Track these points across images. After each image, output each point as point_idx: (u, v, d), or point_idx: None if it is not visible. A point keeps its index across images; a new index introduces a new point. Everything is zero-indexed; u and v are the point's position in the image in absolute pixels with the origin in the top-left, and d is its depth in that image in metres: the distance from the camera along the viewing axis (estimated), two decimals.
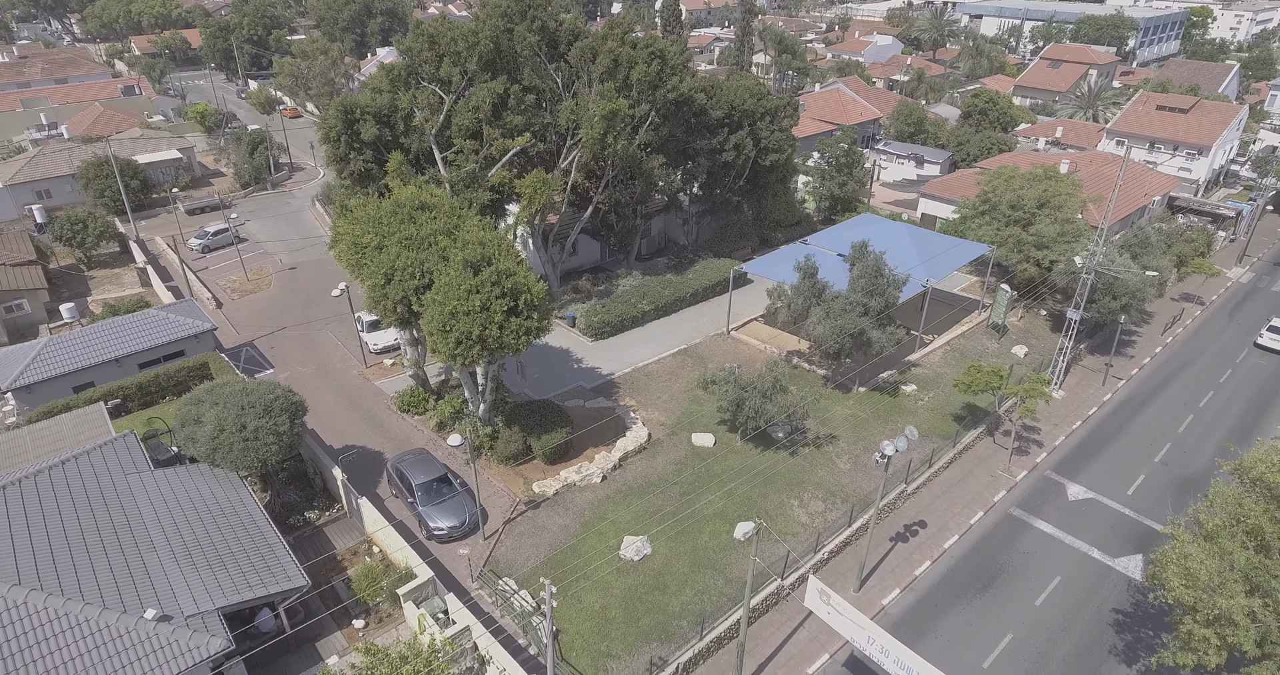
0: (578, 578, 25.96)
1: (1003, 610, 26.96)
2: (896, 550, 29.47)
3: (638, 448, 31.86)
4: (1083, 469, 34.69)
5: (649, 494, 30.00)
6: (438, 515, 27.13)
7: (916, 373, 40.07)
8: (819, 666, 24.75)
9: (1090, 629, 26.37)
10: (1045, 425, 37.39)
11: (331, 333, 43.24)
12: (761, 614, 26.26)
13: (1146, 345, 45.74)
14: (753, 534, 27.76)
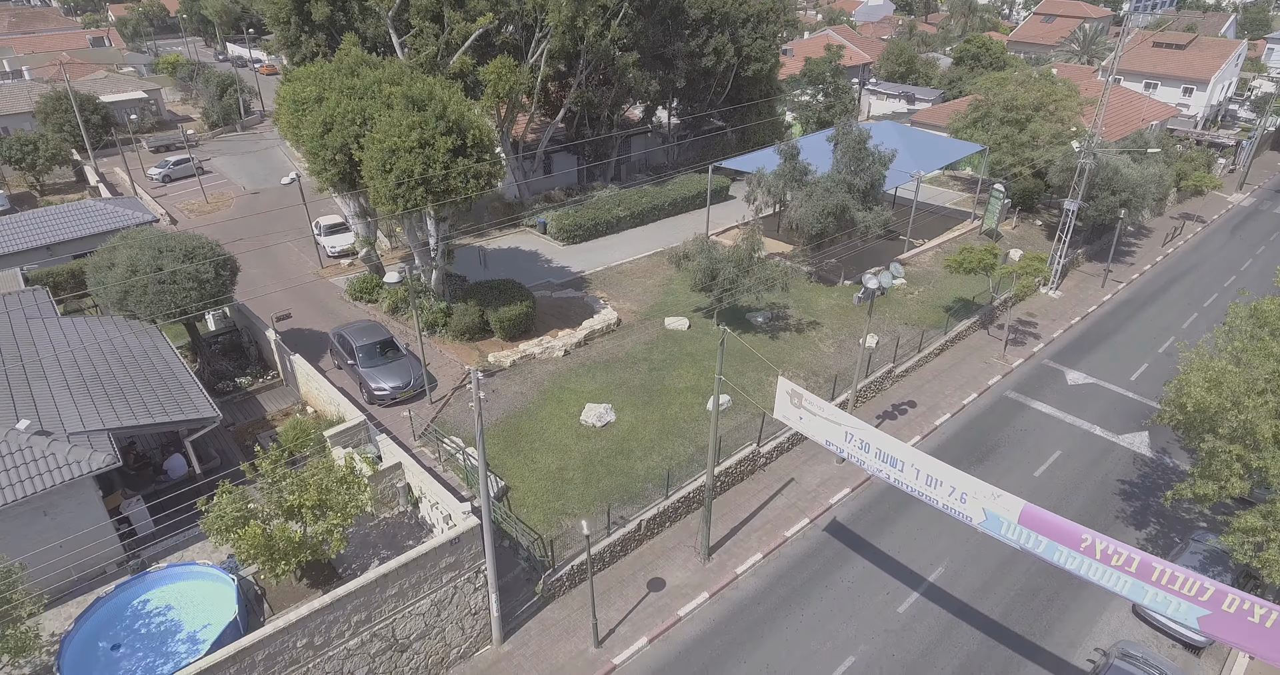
0: (533, 440, 23.80)
1: (1000, 481, 24.51)
2: (884, 427, 27.25)
3: (605, 327, 29.55)
4: (1082, 358, 32.59)
5: (615, 368, 27.73)
6: (380, 376, 24.80)
7: (905, 271, 37.92)
8: (798, 529, 22.55)
9: (1094, 498, 24.26)
10: (1042, 320, 35.27)
11: (289, 243, 41.03)
12: (737, 480, 24.06)
13: (1146, 254, 43.69)
14: (728, 405, 25.68)
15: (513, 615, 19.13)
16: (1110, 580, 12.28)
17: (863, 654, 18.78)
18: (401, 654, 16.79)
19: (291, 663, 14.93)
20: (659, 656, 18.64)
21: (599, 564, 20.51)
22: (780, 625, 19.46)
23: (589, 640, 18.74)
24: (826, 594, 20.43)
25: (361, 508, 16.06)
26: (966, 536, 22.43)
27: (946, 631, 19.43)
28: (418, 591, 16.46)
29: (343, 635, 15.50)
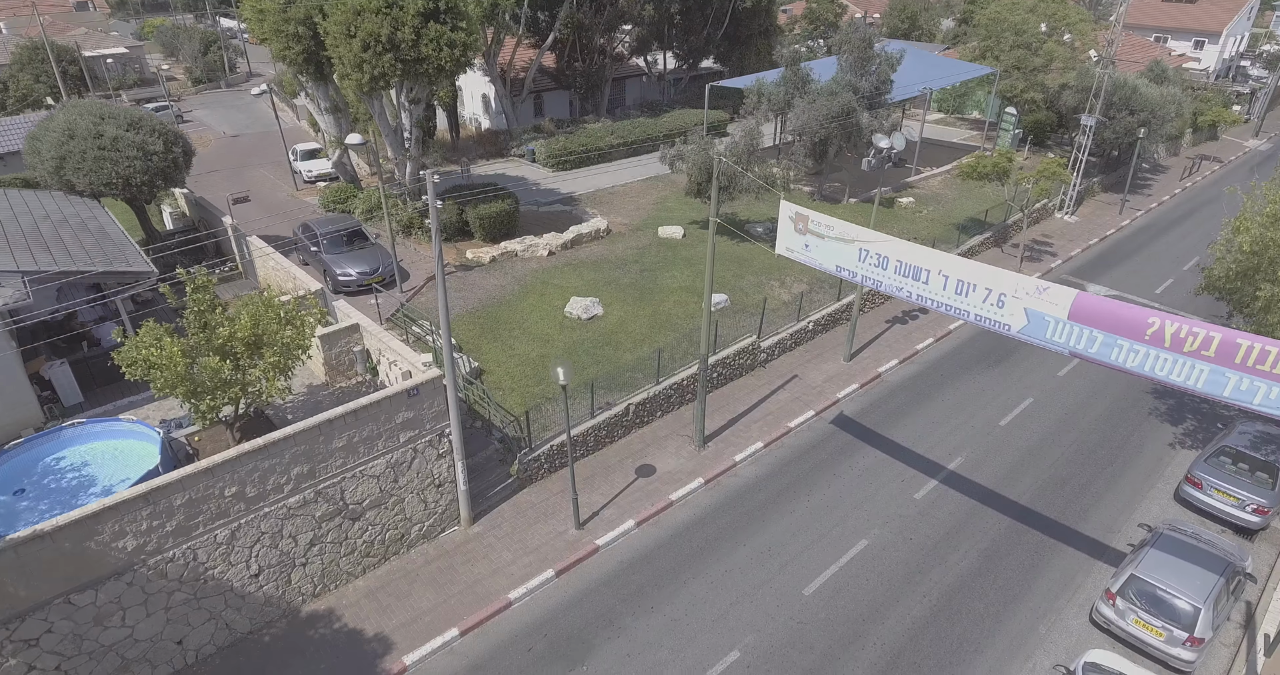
0: (512, 328, 21.79)
1: (1020, 380, 22.83)
2: (894, 331, 25.30)
3: (594, 232, 27.53)
4: (1103, 274, 30.60)
5: (604, 268, 25.66)
6: (345, 262, 22.74)
7: (914, 192, 36.00)
8: (803, 421, 20.53)
9: (1125, 396, 22.26)
10: (1058, 241, 33.30)
11: (265, 170, 39.06)
12: (735, 375, 22.05)
13: (1164, 187, 41.73)
14: (725, 304, 23.69)
15: (484, 496, 17.13)
16: (1183, 373, 10.34)
17: (876, 538, 16.78)
18: (353, 523, 14.78)
19: (219, 515, 12.92)
20: (648, 539, 16.63)
21: (582, 449, 18.51)
22: (784, 510, 17.47)
23: (569, 522, 16.73)
24: (835, 482, 18.44)
25: (305, 348, 14.05)
26: (988, 429, 20.47)
27: (969, 517, 17.44)
28: (370, 449, 14.45)
29: (281, 489, 13.49)
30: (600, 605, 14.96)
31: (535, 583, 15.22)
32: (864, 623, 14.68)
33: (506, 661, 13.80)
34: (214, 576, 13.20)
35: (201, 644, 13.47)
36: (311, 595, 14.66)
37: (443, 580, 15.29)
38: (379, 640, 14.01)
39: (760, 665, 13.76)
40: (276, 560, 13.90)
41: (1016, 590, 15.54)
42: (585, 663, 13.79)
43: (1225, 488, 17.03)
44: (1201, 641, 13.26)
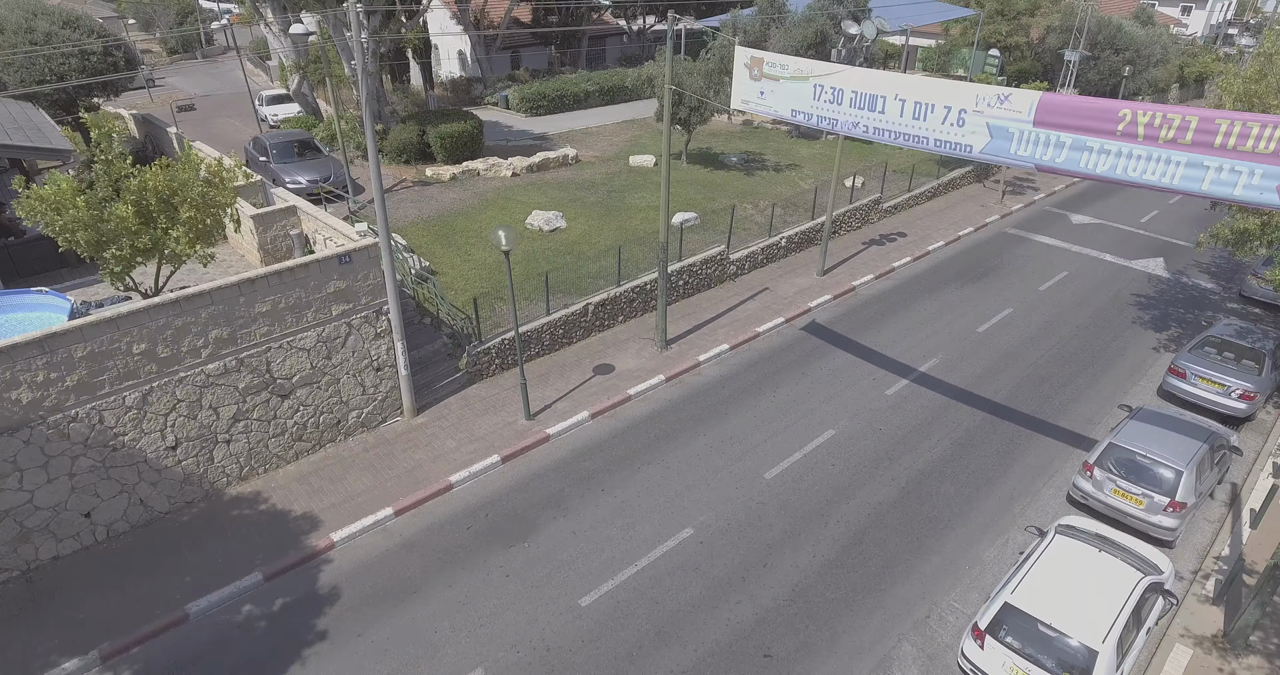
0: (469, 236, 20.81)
1: (1000, 293, 22.02)
2: (870, 251, 24.49)
3: (561, 157, 26.69)
4: (1088, 206, 29.88)
5: (570, 188, 24.74)
6: (295, 171, 21.82)
7: None
8: (772, 326, 19.68)
9: (1108, 307, 21.47)
10: (1041, 178, 32.52)
11: (233, 121, 38.09)
12: (703, 286, 21.16)
13: None
14: (695, 221, 22.82)
15: (431, 388, 16.23)
16: (1157, 171, 9.51)
17: (844, 428, 15.93)
18: (283, 400, 13.86)
19: (128, 375, 12.00)
20: (602, 430, 15.75)
21: (537, 347, 17.60)
22: (747, 405, 16.60)
23: (519, 414, 15.84)
24: (803, 380, 17.59)
25: (227, 206, 13.13)
26: (965, 335, 19.64)
27: (942, 411, 16.60)
28: (299, 319, 13.53)
29: (197, 353, 12.57)
30: (547, 489, 14.09)
31: (479, 467, 14.32)
32: (827, 504, 13.83)
33: (443, 539, 12.91)
34: (124, 444, 12.27)
35: (113, 519, 12.55)
36: (238, 477, 13.75)
37: (380, 466, 14.38)
38: (306, 519, 13.09)
39: (714, 541, 12.91)
40: (196, 433, 12.97)
41: (990, 474, 14.71)
42: (528, 540, 12.90)
43: (1210, 375, 16.23)
44: (1183, 506, 12.44)
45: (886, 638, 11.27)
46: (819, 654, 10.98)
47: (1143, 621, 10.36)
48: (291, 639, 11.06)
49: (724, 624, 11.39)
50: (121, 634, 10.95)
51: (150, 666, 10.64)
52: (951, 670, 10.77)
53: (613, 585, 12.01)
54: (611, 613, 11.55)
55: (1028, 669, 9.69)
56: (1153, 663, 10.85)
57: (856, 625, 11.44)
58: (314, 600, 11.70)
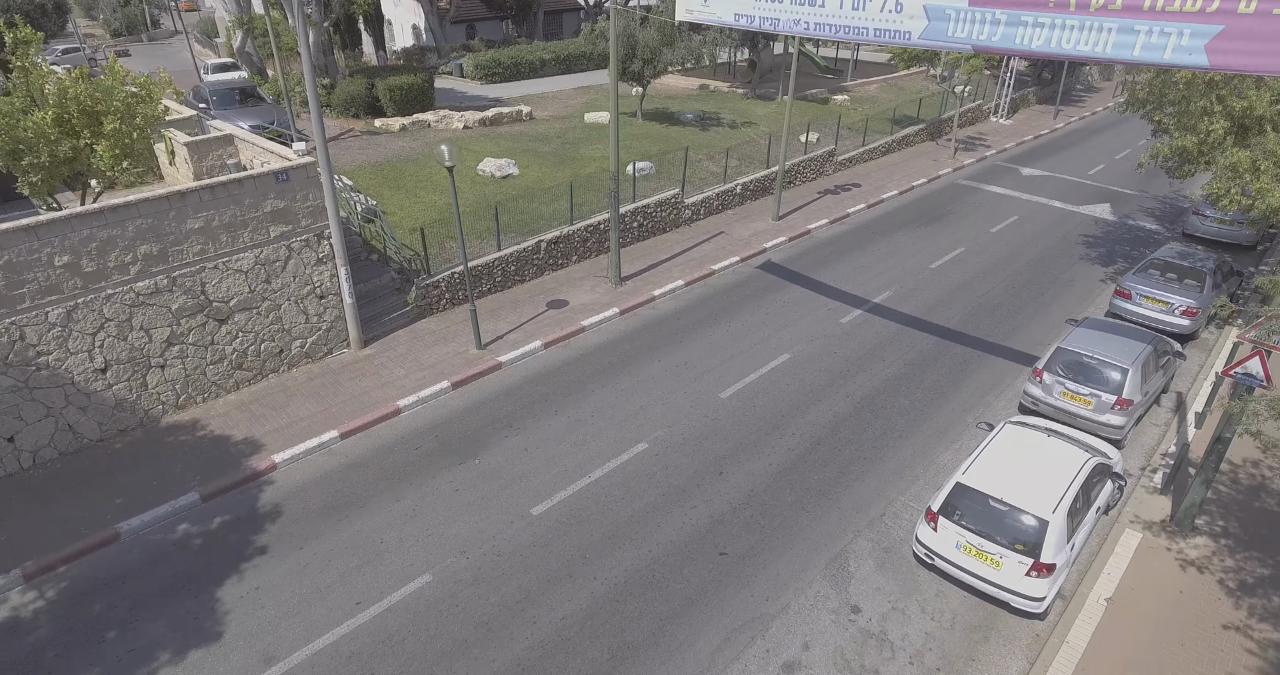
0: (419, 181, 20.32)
1: (952, 235, 22.22)
2: (825, 199, 24.56)
3: (515, 113, 26.34)
4: (1038, 161, 30.34)
5: (523, 140, 24.39)
6: (236, 116, 21.02)
7: (850, 94, 35.43)
8: (727, 265, 19.59)
9: (1057, 246, 21.79)
10: (993, 137, 33.00)
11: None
12: (659, 230, 20.99)
13: (1098, 102, 42.04)
14: (649, 171, 22.66)
15: (378, 321, 15.81)
16: (1090, 40, 9.59)
17: (799, 352, 15.89)
18: (220, 325, 13.35)
19: (50, 289, 11.42)
20: (555, 359, 15.50)
21: (488, 283, 17.24)
22: (702, 334, 16.47)
23: (470, 345, 15.53)
24: (758, 312, 17.51)
25: (154, 119, 12.59)
26: (918, 271, 19.73)
27: (896, 336, 16.66)
28: (234, 238, 13.04)
29: (125, 269, 12.02)
30: (498, 411, 13.78)
31: (428, 393, 13.97)
32: (782, 418, 13.75)
33: (390, 459, 12.55)
34: (49, 365, 11.69)
35: (39, 445, 11.95)
36: (174, 405, 13.21)
37: (325, 393, 13.95)
38: (247, 443, 12.63)
39: (669, 454, 12.74)
40: (127, 356, 12.42)
41: (943, 389, 14.78)
42: (478, 457, 12.60)
43: (1154, 294, 16.53)
44: (1130, 404, 12.60)
45: (842, 534, 11.21)
46: (775, 550, 10.88)
47: (1093, 501, 10.43)
48: (230, 554, 10.63)
49: (678, 527, 11.23)
50: (47, 553, 10.42)
51: (78, 584, 10.13)
52: (907, 561, 10.76)
53: (565, 496, 11.78)
54: (564, 520, 11.32)
55: (979, 544, 9.69)
56: (1103, 548, 10.97)
57: (812, 524, 11.37)
58: (254, 518, 11.27)
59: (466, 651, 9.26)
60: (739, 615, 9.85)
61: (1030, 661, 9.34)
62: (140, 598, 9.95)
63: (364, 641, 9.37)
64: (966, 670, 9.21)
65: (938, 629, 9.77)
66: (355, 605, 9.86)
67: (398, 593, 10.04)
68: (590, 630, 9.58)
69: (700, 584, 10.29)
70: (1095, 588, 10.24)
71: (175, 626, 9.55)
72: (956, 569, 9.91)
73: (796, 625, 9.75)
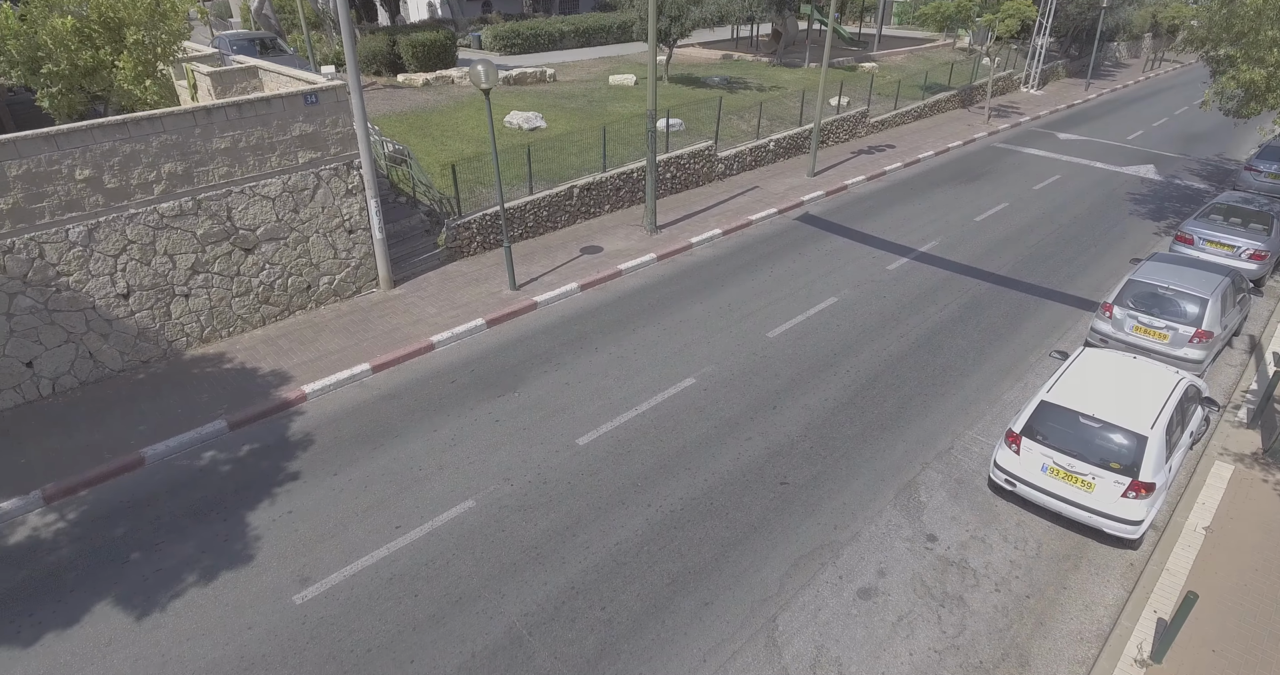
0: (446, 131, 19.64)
1: (994, 191, 21.44)
2: (860, 158, 23.81)
3: (538, 73, 25.70)
4: (1073, 127, 29.51)
5: (549, 97, 23.72)
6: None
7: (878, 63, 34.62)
8: (764, 215, 18.91)
9: (1104, 202, 20.98)
10: (1025, 106, 32.18)
11: None
12: (692, 183, 20.29)
13: (1128, 76, 41.12)
14: (680, 128, 21.97)
15: (407, 262, 15.17)
16: None
17: (846, 296, 15.16)
18: (247, 255, 12.74)
19: (71, 205, 10.83)
20: (593, 299, 14.81)
21: (520, 228, 16.59)
22: (744, 278, 15.75)
23: (504, 286, 14.89)
24: (800, 259, 16.80)
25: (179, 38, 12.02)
26: (963, 223, 18.98)
27: (946, 282, 15.89)
28: (262, 162, 12.43)
29: (149, 188, 11.42)
30: (536, 347, 13.13)
31: (462, 329, 13.32)
32: (835, 356, 13.04)
33: (425, 391, 11.90)
34: (69, 286, 11.11)
35: (58, 372, 11.37)
36: (199, 338, 12.61)
37: (355, 329, 13.32)
38: (276, 375, 12.01)
39: (718, 389, 12.06)
40: (150, 282, 11.83)
41: (1002, 331, 14.02)
42: (518, 390, 11.95)
43: (1219, 238, 15.73)
44: (1210, 336, 11.84)
45: (910, 466, 10.49)
46: (839, 480, 10.17)
47: (1187, 423, 9.69)
48: (260, 479, 10.01)
49: (734, 457, 10.54)
50: (67, 476, 9.83)
51: (100, 507, 9.52)
52: (983, 492, 10.04)
53: (611, 427, 11.11)
54: (612, 450, 10.64)
55: (1069, 465, 8.95)
56: (1193, 480, 10.23)
57: (876, 455, 10.66)
58: (284, 446, 10.64)
59: (516, 575, 8.60)
60: (806, 543, 9.16)
61: (1127, 590, 8.60)
62: (166, 520, 9.34)
63: (405, 564, 8.72)
64: (1058, 598, 8.49)
65: (1022, 557, 9.05)
66: (395, 529, 9.21)
67: (440, 517, 9.38)
68: (648, 555, 8.90)
69: (762, 512, 9.61)
70: (1190, 518, 9.50)
71: (204, 548, 8.93)
72: (1042, 494, 9.17)
73: (869, 553, 9.05)
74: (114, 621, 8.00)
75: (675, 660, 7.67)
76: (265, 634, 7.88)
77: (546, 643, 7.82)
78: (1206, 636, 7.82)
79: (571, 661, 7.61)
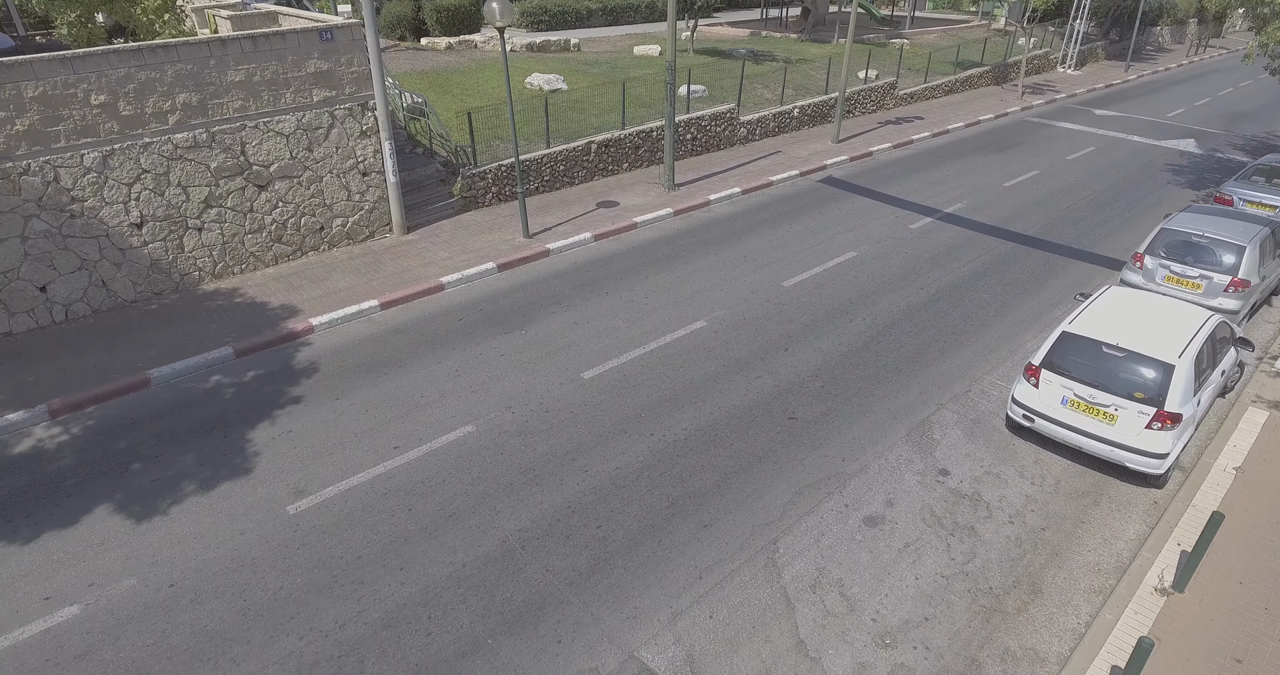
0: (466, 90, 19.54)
1: (1025, 160, 20.82)
2: (886, 128, 23.30)
3: (562, 42, 25.57)
4: (1110, 104, 28.66)
5: (572, 63, 23.54)
6: None
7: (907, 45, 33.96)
8: (786, 177, 18.57)
9: (1140, 172, 20.28)
10: (1061, 84, 31.39)
11: None
12: (713, 146, 20.01)
13: (1170, 60, 39.93)
14: (703, 94, 21.68)
15: (422, 210, 15.12)
16: None
17: (866, 251, 14.79)
18: (260, 191, 12.75)
19: (86, 130, 10.89)
20: (606, 249, 14.61)
21: (536, 181, 16.46)
22: (762, 233, 15.45)
23: (517, 234, 14.76)
24: (821, 216, 16.45)
25: None
26: (991, 188, 18.44)
27: (971, 240, 15.42)
28: (277, 98, 12.43)
29: (164, 117, 11.46)
30: (546, 291, 12.96)
31: (472, 272, 13.20)
32: (851, 304, 12.69)
33: (432, 328, 11.80)
34: (83, 212, 11.18)
35: (72, 298, 11.45)
36: (212, 273, 12.64)
37: (365, 270, 13.27)
38: (284, 308, 11.98)
39: (729, 332, 11.79)
40: (164, 213, 11.88)
41: (1026, 286, 13.56)
42: (525, 328, 11.80)
43: (1260, 199, 15.07)
44: (1246, 285, 11.29)
45: (924, 406, 10.14)
46: (849, 417, 9.85)
47: (1218, 363, 9.22)
48: (262, 401, 9.97)
49: (742, 393, 10.27)
50: (74, 393, 9.88)
51: (105, 422, 9.55)
52: (1000, 432, 9.67)
53: (617, 363, 10.90)
54: (616, 383, 10.44)
55: (1090, 396, 8.55)
56: (1224, 425, 9.74)
57: (890, 395, 10.31)
58: (289, 373, 10.61)
59: (512, 494, 8.44)
60: (812, 473, 8.87)
61: (1150, 526, 8.21)
62: (168, 435, 9.33)
63: (402, 481, 8.60)
64: (1076, 531, 8.11)
65: (1039, 492, 8.67)
66: (393, 449, 9.10)
67: (438, 440, 9.26)
68: (648, 480, 8.69)
69: (768, 444, 9.33)
70: (1220, 459, 9.04)
71: (203, 461, 8.89)
72: (1061, 428, 8.77)
73: (878, 484, 8.73)
74: (109, 524, 8.00)
75: (670, 576, 7.44)
76: (257, 539, 7.81)
77: (539, 556, 7.64)
78: (1233, 568, 7.40)
79: (563, 575, 7.43)
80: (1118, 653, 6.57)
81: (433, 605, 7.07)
